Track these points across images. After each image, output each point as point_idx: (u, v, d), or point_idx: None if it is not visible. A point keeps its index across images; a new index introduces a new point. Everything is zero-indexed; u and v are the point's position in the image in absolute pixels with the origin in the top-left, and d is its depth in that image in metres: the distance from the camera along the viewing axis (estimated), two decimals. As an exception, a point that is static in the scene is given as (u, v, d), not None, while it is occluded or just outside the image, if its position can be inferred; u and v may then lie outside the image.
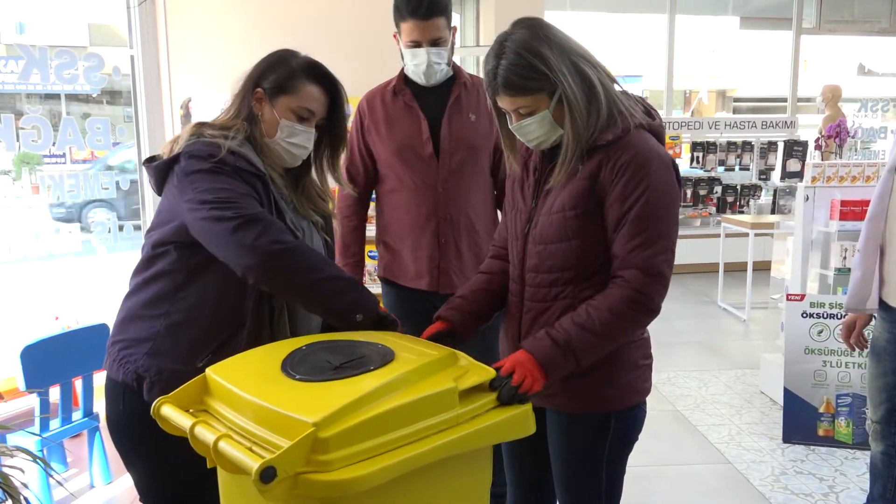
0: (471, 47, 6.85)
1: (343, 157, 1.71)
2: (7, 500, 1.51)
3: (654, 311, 1.44)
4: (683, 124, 7.53)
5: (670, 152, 7.26)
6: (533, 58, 1.38)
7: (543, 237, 1.51)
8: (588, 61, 1.43)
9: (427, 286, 2.26)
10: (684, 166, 7.60)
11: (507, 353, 1.67)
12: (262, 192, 1.47)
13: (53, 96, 3.76)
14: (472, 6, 7.22)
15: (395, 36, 2.24)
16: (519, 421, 1.27)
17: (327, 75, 1.58)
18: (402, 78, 2.29)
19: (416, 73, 2.21)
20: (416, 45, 2.16)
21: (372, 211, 2.46)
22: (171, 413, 1.23)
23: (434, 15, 2.11)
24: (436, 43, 2.16)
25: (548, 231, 1.50)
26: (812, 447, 3.32)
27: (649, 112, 1.53)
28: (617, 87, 1.50)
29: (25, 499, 1.69)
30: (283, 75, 1.53)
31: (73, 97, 3.87)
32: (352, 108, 3.65)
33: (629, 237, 1.41)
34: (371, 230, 2.45)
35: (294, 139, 1.55)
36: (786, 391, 3.39)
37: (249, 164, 1.47)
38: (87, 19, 4.10)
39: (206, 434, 1.14)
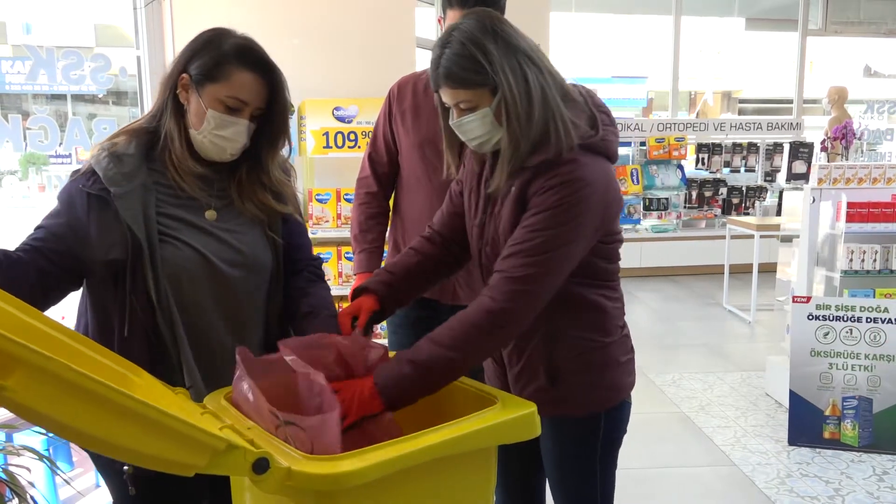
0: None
1: (281, 151, 1.53)
2: (14, 498, 1.51)
3: (510, 324, 1.33)
4: (689, 126, 7.51)
5: (675, 153, 7.18)
6: (476, 50, 1.32)
7: (495, 254, 1.46)
8: (535, 65, 1.36)
9: (431, 295, 2.15)
10: (689, 168, 7.60)
11: (486, 367, 1.68)
12: (102, 209, 1.34)
13: (60, 97, 3.77)
14: (477, 7, 7.21)
15: (439, 20, 2.10)
16: (523, 423, 1.27)
17: (262, 60, 1.41)
18: None
19: None
20: None
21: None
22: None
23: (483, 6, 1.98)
24: None
25: (497, 249, 1.46)
26: (818, 450, 3.30)
27: (595, 124, 1.43)
28: (574, 90, 1.44)
29: (32, 497, 1.70)
30: (211, 60, 1.37)
31: (79, 98, 3.88)
32: (357, 108, 3.68)
33: (514, 242, 1.36)
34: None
35: (223, 131, 1.38)
36: (791, 393, 3.38)
37: (95, 182, 1.34)
38: (93, 20, 4.10)
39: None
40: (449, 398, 1.38)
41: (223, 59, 1.37)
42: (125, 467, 1.34)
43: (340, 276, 3.70)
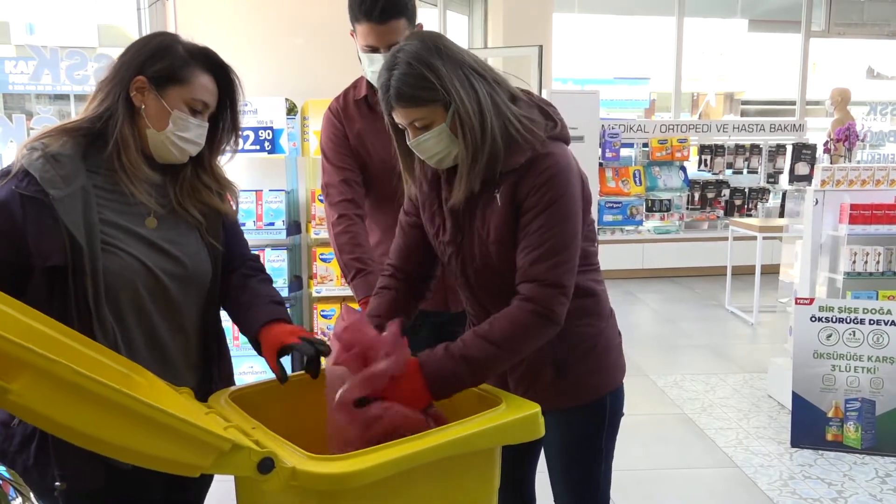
0: (478, 49, 6.86)
1: (221, 159, 1.51)
2: (17, 497, 1.51)
3: (556, 323, 1.41)
4: (691, 127, 7.51)
5: (678, 154, 7.21)
6: (424, 68, 1.36)
7: (489, 267, 1.49)
8: (482, 77, 1.41)
9: (434, 306, 1.96)
10: (692, 169, 7.59)
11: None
12: (39, 213, 1.25)
13: (63, 97, 3.78)
14: (479, 7, 7.23)
15: (352, 34, 2.00)
16: (527, 424, 1.27)
17: (220, 63, 1.43)
18: (370, 85, 2.04)
19: (375, 79, 1.91)
20: (374, 50, 1.92)
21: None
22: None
23: (391, 17, 1.87)
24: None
25: (490, 261, 1.48)
26: (820, 452, 3.30)
27: (548, 115, 1.49)
28: (522, 96, 1.47)
29: (36, 496, 1.70)
30: (174, 63, 1.37)
31: (82, 98, 3.88)
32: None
33: (531, 248, 1.40)
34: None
35: (186, 133, 1.38)
36: (794, 395, 3.37)
37: (30, 184, 1.25)
38: (96, 20, 4.11)
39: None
40: (453, 399, 1.38)
41: (187, 61, 1.38)
42: (56, 483, 1.28)
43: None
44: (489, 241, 1.46)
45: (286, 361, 1.42)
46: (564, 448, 1.63)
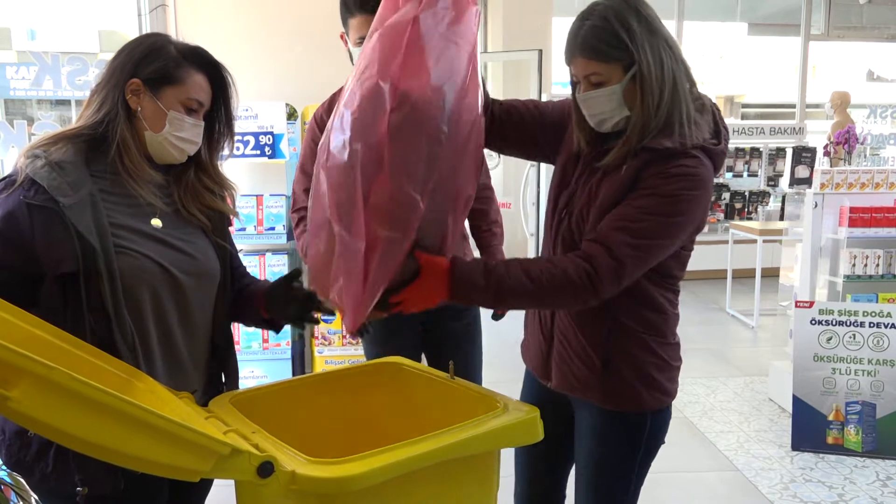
0: (478, 54, 6.86)
1: (222, 160, 1.55)
2: (19, 501, 1.51)
3: (597, 296, 1.36)
4: (691, 130, 7.50)
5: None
6: (618, 25, 1.33)
7: (580, 229, 1.45)
8: (672, 51, 1.38)
9: None
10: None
11: (530, 343, 1.65)
12: (48, 221, 1.26)
13: (64, 102, 3.79)
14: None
15: (342, 37, 1.99)
16: (525, 428, 1.28)
17: (212, 62, 1.45)
18: None
19: None
20: None
21: None
22: None
23: None
24: None
25: (581, 224, 1.44)
26: (821, 455, 3.30)
27: (717, 133, 1.45)
28: (705, 98, 1.45)
29: (36, 500, 1.70)
30: (167, 64, 1.38)
31: (83, 103, 3.90)
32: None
33: (619, 218, 1.36)
34: None
35: (183, 133, 1.40)
36: (794, 398, 3.37)
37: (38, 193, 1.26)
38: (97, 26, 4.12)
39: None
40: (453, 402, 1.38)
41: (180, 61, 1.39)
42: (78, 489, 1.27)
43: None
44: (594, 204, 1.42)
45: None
46: (596, 456, 1.57)
